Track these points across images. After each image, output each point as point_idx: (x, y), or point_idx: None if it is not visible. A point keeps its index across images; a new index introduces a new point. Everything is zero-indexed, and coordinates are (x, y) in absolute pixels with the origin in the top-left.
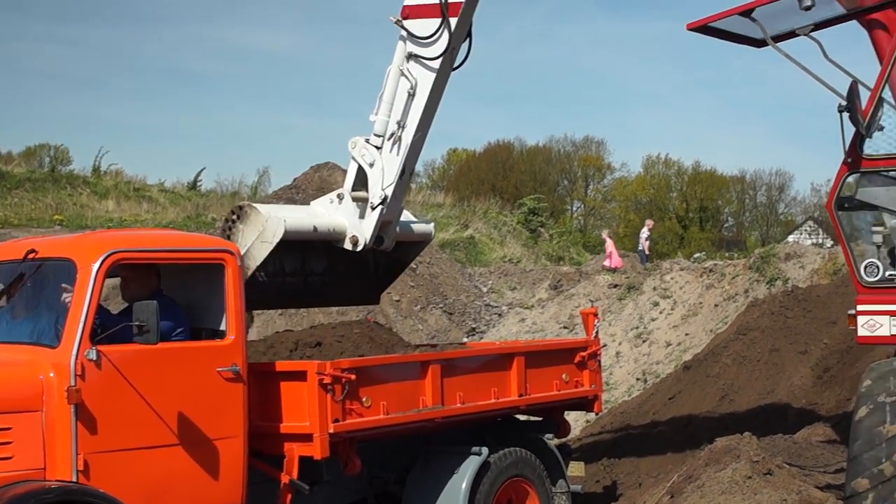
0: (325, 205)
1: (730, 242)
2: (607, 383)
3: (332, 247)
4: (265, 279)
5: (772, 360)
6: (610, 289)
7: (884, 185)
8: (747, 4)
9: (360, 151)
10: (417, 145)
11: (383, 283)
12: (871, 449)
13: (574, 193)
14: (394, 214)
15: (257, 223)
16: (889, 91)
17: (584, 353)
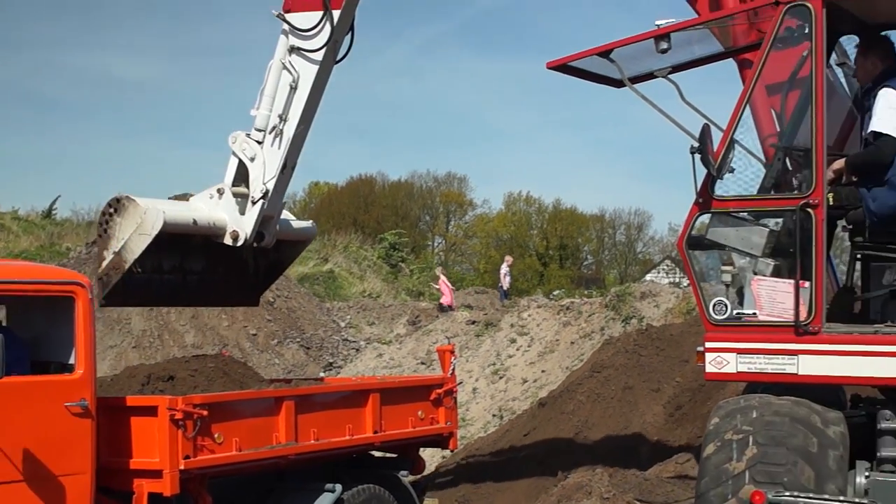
0: (205, 200)
1: (589, 280)
2: (464, 419)
3: (211, 246)
4: (143, 275)
5: (625, 398)
6: (468, 325)
7: (733, 226)
8: (606, 45)
9: (241, 146)
10: (300, 139)
11: (263, 285)
12: (717, 486)
13: (435, 229)
14: (275, 210)
15: (135, 215)
16: (752, 130)
17: (439, 390)
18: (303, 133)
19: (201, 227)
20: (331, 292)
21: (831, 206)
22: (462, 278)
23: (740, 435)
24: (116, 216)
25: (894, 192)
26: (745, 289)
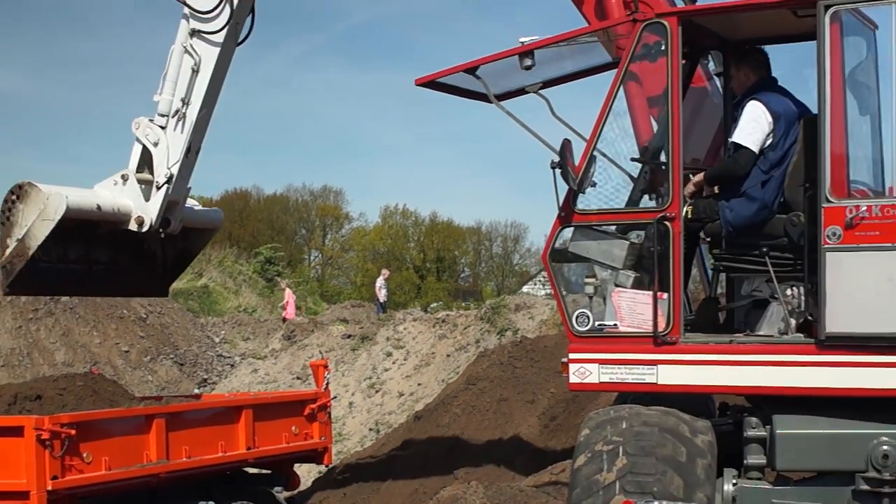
0: (109, 187)
1: (466, 292)
2: (340, 434)
3: (118, 235)
4: (48, 264)
5: (500, 410)
6: (343, 339)
7: (595, 239)
8: (472, 62)
9: (144, 131)
10: (203, 122)
11: (172, 275)
12: (588, 496)
13: (312, 243)
14: (180, 195)
15: (38, 201)
16: (620, 143)
17: (313, 405)
18: (206, 116)
19: (105, 213)
20: (205, 307)
21: (690, 218)
22: (339, 292)
23: (610, 446)
24: (19, 203)
25: (750, 204)
26: (607, 300)
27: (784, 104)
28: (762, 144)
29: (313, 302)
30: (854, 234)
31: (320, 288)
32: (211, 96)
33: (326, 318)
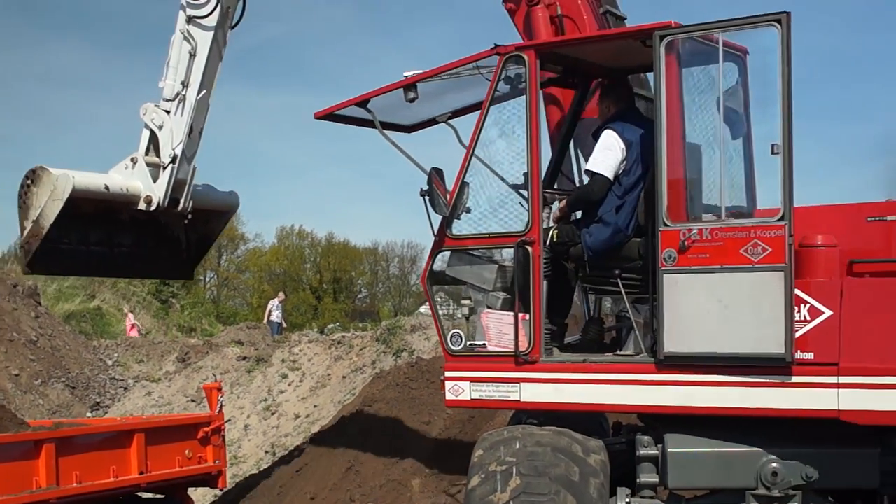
0: (121, 170)
1: (363, 313)
2: (235, 457)
3: (140, 222)
4: (69, 246)
5: (396, 431)
6: (238, 361)
7: (468, 263)
8: (363, 95)
9: (151, 116)
10: (203, 103)
11: (195, 259)
12: None
13: (207, 264)
14: (186, 174)
15: (49, 183)
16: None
17: (207, 429)
18: (205, 98)
19: (115, 193)
20: (98, 330)
21: (555, 242)
22: (235, 313)
23: (504, 466)
24: (33, 186)
25: (605, 229)
26: (477, 321)
27: (638, 133)
28: (616, 171)
29: (209, 324)
30: (687, 257)
31: (216, 309)
32: (208, 78)
33: (221, 340)
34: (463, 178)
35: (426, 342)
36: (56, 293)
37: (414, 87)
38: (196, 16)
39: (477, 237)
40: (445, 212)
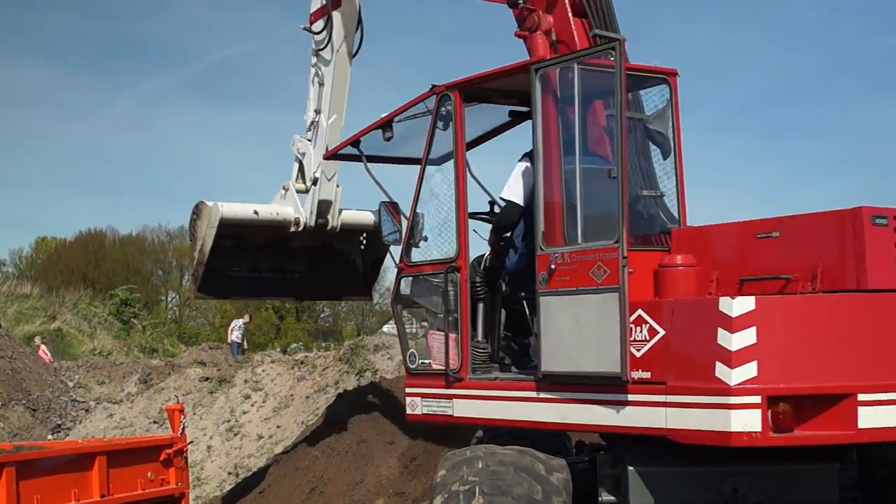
0: (277, 199)
1: (326, 333)
2: (198, 479)
3: (312, 249)
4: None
5: (360, 451)
6: (201, 382)
7: (423, 287)
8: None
9: (297, 146)
10: (335, 127)
11: (371, 279)
12: None
13: (169, 284)
14: (330, 195)
15: (206, 214)
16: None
17: (169, 450)
18: (336, 122)
19: (264, 218)
20: (59, 351)
21: (488, 266)
22: (197, 333)
23: (467, 486)
24: (197, 220)
25: (516, 253)
26: (426, 341)
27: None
28: (527, 199)
29: (171, 344)
30: (554, 279)
31: (178, 330)
32: (336, 104)
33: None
34: (414, 209)
35: (389, 362)
36: (16, 314)
37: (389, 127)
38: (317, 49)
39: (423, 264)
40: (396, 241)
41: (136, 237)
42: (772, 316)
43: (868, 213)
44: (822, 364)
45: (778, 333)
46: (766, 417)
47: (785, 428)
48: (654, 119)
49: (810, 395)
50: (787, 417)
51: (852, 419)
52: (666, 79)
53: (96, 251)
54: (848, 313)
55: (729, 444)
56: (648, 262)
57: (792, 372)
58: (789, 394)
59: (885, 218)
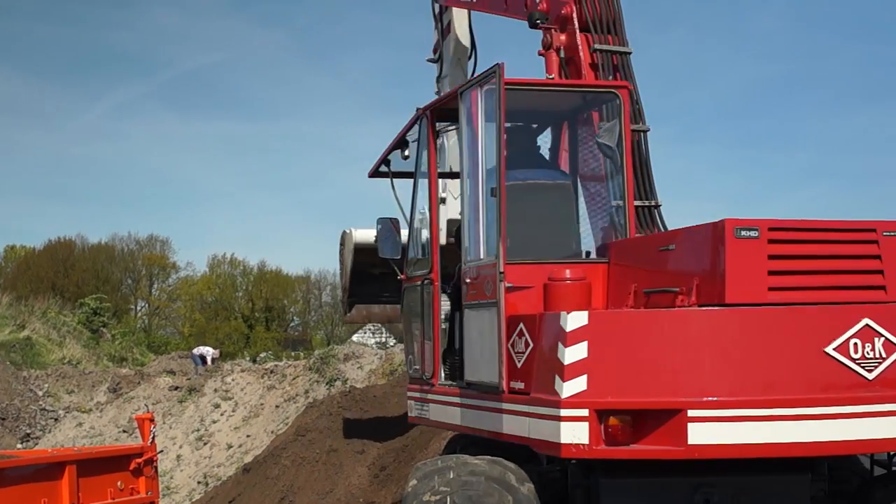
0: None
1: (296, 342)
2: (168, 487)
3: None
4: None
5: (330, 461)
6: (171, 391)
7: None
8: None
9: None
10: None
11: None
12: None
13: (138, 293)
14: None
15: (346, 242)
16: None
17: (139, 460)
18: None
19: None
20: (28, 360)
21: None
22: (167, 342)
23: (438, 496)
24: (342, 248)
25: None
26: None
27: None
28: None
29: (140, 353)
30: (469, 293)
31: (147, 338)
32: None
33: (153, 370)
34: (412, 224)
35: (359, 371)
36: None
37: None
38: (437, 77)
39: (414, 276)
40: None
41: (105, 246)
42: (604, 331)
43: (732, 225)
44: (653, 379)
45: (609, 348)
46: (599, 430)
47: (619, 441)
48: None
49: (641, 410)
50: (620, 431)
51: (682, 435)
52: (615, 93)
53: (65, 260)
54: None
55: (559, 455)
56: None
57: (623, 386)
58: (619, 408)
59: (756, 230)
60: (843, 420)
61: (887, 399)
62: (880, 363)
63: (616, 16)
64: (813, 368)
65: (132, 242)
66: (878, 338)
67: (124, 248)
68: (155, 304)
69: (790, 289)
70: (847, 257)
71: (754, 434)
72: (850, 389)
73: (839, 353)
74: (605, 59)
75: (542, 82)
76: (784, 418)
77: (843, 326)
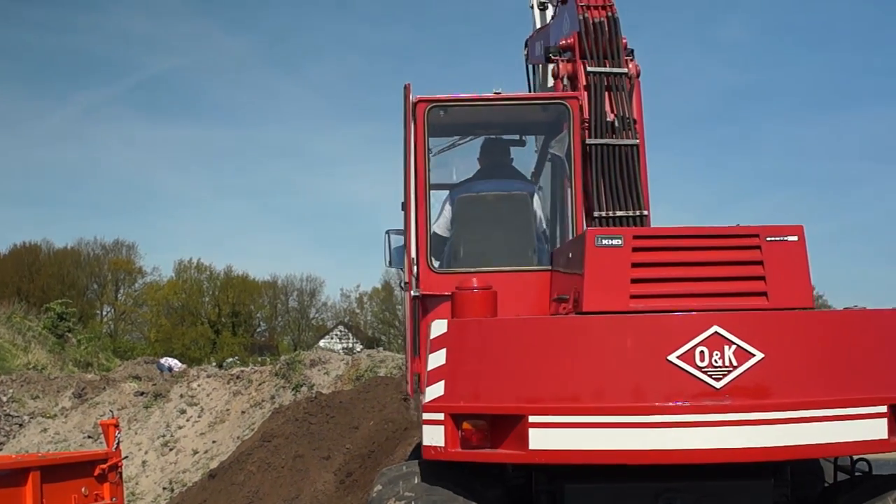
0: None
1: (262, 347)
2: (133, 493)
3: None
4: None
5: (296, 467)
6: (136, 396)
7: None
8: None
9: None
10: None
11: None
12: None
13: (104, 297)
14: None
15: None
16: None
17: (104, 466)
18: None
19: None
20: None
21: None
22: (132, 347)
23: (402, 501)
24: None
25: None
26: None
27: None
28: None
29: (105, 358)
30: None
31: (113, 344)
32: None
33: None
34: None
35: (325, 377)
36: None
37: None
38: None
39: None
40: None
41: (71, 250)
42: (461, 338)
43: (593, 234)
44: (503, 386)
45: (465, 355)
46: (456, 434)
47: (474, 445)
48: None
49: (491, 416)
50: (473, 435)
51: (525, 440)
52: (565, 104)
53: (31, 264)
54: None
55: (424, 456)
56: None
57: (476, 392)
58: (472, 413)
59: (620, 239)
60: (686, 429)
61: (735, 408)
62: (730, 371)
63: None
64: (656, 377)
65: (98, 247)
66: (728, 346)
67: (90, 253)
68: (121, 309)
69: (655, 297)
70: (727, 264)
71: (592, 441)
72: (693, 398)
73: (683, 362)
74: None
75: (488, 98)
76: (620, 426)
77: (688, 335)
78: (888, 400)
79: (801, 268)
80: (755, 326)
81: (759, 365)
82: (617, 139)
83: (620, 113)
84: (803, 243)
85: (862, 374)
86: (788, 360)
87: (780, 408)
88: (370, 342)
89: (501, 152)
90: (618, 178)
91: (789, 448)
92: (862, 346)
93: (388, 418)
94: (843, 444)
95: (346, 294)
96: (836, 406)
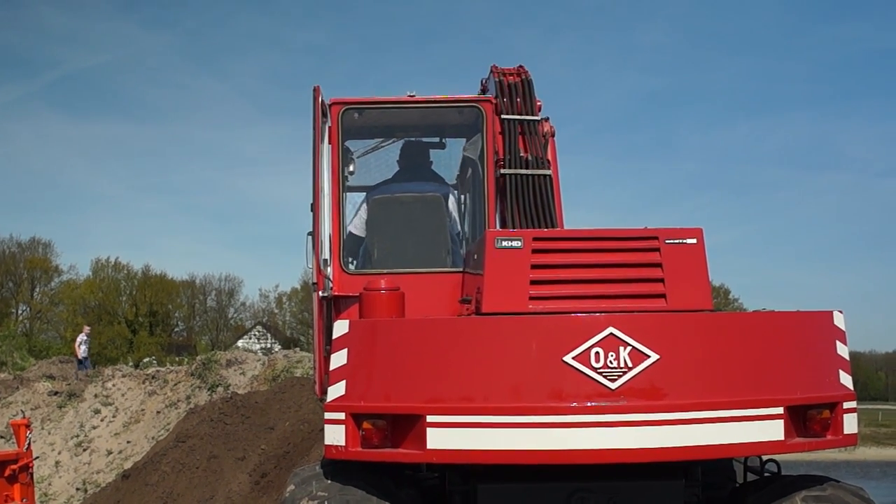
0: None
1: (180, 347)
2: (46, 494)
3: None
4: None
5: (211, 467)
6: (50, 396)
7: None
8: None
9: None
10: None
11: None
12: None
13: (19, 296)
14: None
15: None
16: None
17: (14, 466)
18: None
19: None
20: None
21: None
22: (48, 347)
23: (315, 501)
24: None
25: None
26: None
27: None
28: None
29: (20, 357)
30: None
31: (28, 343)
32: None
33: (32, 375)
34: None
35: (242, 377)
36: None
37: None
38: None
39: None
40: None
41: None
42: (360, 339)
43: (493, 236)
44: (401, 386)
45: (364, 355)
46: (356, 433)
47: (374, 444)
48: (469, 147)
49: (391, 415)
50: (374, 434)
51: (423, 439)
52: (478, 107)
53: None
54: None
55: (326, 456)
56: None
57: (376, 392)
58: (371, 412)
59: (520, 240)
60: (580, 429)
61: (630, 409)
62: (625, 373)
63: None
64: (550, 378)
65: (13, 245)
66: (623, 347)
67: (5, 251)
68: (36, 307)
69: (554, 298)
70: (626, 266)
71: (488, 441)
72: (587, 399)
73: (578, 363)
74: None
75: (402, 100)
76: (515, 426)
77: (584, 336)
78: (784, 402)
79: (699, 270)
80: (650, 328)
81: (655, 366)
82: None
83: (534, 154)
84: (702, 246)
85: (758, 375)
86: (684, 361)
87: (674, 409)
88: (289, 342)
89: (419, 154)
90: (531, 205)
91: (684, 448)
92: (759, 349)
93: (304, 419)
94: (739, 446)
95: (264, 294)
96: (731, 407)
